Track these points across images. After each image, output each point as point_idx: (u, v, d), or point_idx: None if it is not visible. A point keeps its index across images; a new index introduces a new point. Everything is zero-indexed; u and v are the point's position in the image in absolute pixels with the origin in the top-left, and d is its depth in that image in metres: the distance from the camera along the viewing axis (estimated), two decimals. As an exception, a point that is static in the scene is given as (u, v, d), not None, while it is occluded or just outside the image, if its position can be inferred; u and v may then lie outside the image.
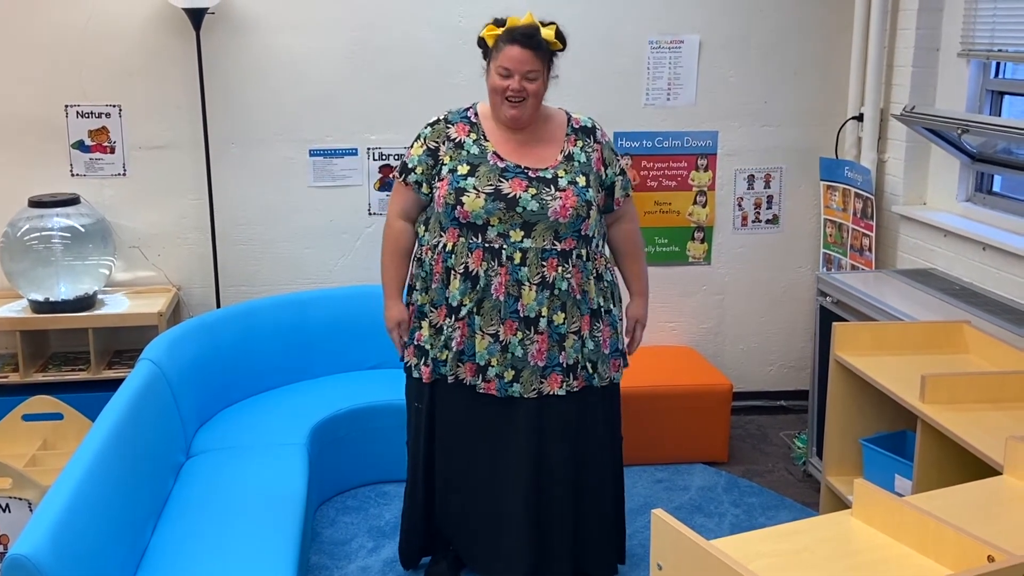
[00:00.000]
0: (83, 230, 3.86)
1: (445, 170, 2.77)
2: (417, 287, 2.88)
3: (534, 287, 2.73)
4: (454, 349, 2.79)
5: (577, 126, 2.87)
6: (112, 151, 4.04)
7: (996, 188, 3.77)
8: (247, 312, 3.77)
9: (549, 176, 2.75)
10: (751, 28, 4.26)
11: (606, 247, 2.94)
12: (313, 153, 4.16)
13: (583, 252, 2.79)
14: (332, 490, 3.69)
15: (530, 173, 2.75)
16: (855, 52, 4.20)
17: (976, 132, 3.31)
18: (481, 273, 2.74)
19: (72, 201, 3.87)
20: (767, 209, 4.47)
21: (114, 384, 3.12)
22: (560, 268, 2.74)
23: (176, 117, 4.04)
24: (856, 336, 2.94)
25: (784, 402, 4.64)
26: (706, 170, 4.38)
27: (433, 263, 2.81)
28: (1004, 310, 3.21)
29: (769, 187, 4.45)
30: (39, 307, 3.83)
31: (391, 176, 4.21)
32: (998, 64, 3.68)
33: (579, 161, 2.80)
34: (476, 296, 2.75)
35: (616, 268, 3.01)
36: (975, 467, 2.29)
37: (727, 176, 4.40)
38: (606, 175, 2.87)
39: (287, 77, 4.07)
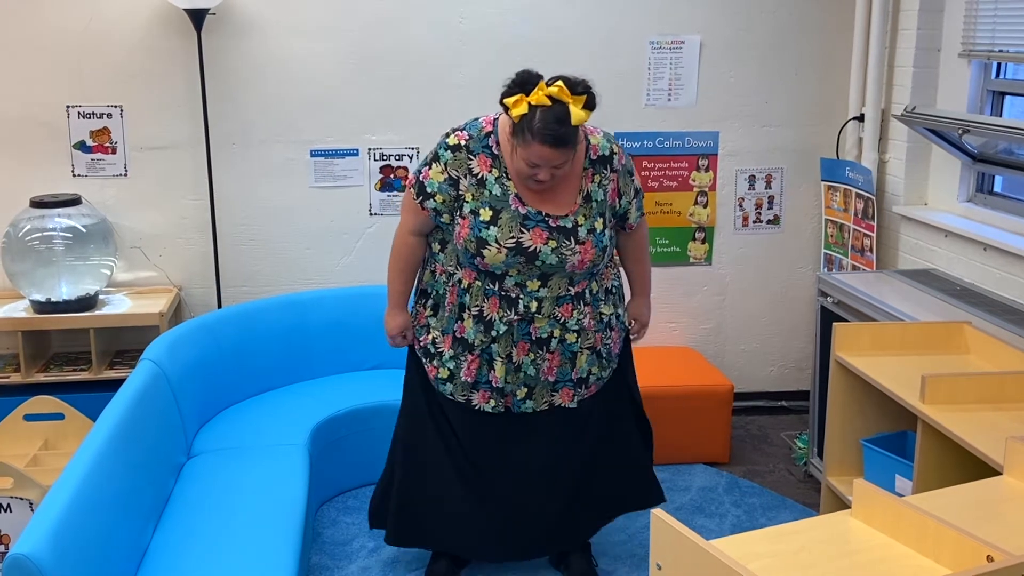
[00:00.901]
0: (84, 230, 3.87)
1: (467, 209, 2.70)
2: (430, 300, 2.85)
3: (545, 319, 2.75)
4: (462, 379, 2.81)
5: (595, 156, 2.78)
6: (113, 151, 4.05)
7: (997, 188, 3.77)
8: (248, 312, 3.77)
9: (569, 225, 2.71)
10: (752, 28, 4.26)
11: (613, 254, 2.94)
12: (314, 154, 4.16)
13: (593, 286, 2.81)
14: (333, 490, 3.69)
15: (551, 222, 2.70)
16: (856, 52, 4.19)
17: (977, 132, 3.31)
18: (496, 319, 2.74)
19: (73, 201, 3.88)
20: (768, 209, 4.47)
21: (115, 384, 3.13)
22: (575, 312, 2.77)
23: (177, 118, 4.04)
24: (857, 336, 2.94)
25: (785, 402, 4.64)
26: (707, 170, 4.38)
27: (447, 291, 2.80)
28: (1005, 310, 3.21)
29: (770, 187, 4.45)
30: (40, 307, 3.83)
31: (406, 184, 4.21)
32: (999, 64, 3.68)
33: (596, 200, 2.76)
34: (490, 338, 2.76)
35: (619, 269, 3.03)
36: (975, 467, 2.29)
37: (728, 176, 4.40)
38: (619, 205, 2.84)
39: (288, 78, 4.07)
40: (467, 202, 2.70)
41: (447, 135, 2.76)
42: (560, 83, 2.55)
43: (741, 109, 4.34)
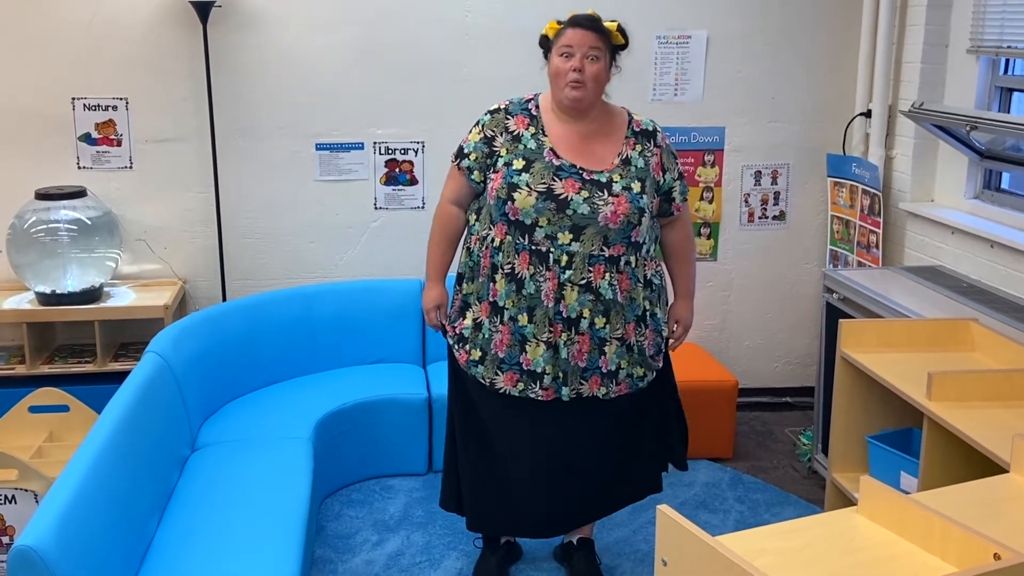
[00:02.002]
0: (90, 223, 3.87)
1: (500, 162, 2.72)
2: (466, 276, 2.84)
3: (576, 288, 2.69)
4: (493, 353, 2.77)
5: (638, 129, 2.79)
6: (119, 144, 4.05)
7: (1004, 185, 3.76)
8: (253, 305, 3.78)
9: (604, 180, 2.69)
10: (759, 24, 4.25)
11: (657, 250, 2.90)
12: (319, 147, 4.16)
13: (632, 259, 2.73)
14: (337, 484, 3.70)
15: (584, 175, 2.68)
16: (863, 48, 4.18)
17: (984, 129, 3.30)
18: (527, 278, 2.70)
19: (79, 194, 3.88)
20: (774, 205, 4.46)
21: (120, 376, 3.13)
22: (607, 275, 2.70)
23: (183, 110, 4.04)
24: (863, 333, 2.93)
25: (789, 399, 4.64)
26: (713, 166, 4.37)
27: (481, 256, 2.77)
28: (1011, 308, 3.20)
29: (776, 183, 4.44)
30: (46, 299, 3.84)
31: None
32: (1007, 60, 3.66)
33: (636, 166, 2.74)
34: (524, 304, 2.71)
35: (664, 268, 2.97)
36: (981, 465, 2.28)
37: (734, 172, 4.39)
38: (663, 180, 2.80)
39: (294, 71, 4.07)
40: (501, 156, 2.73)
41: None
42: (591, 9, 2.76)
43: (747, 105, 4.33)
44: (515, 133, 2.74)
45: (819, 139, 4.39)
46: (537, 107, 2.79)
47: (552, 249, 2.67)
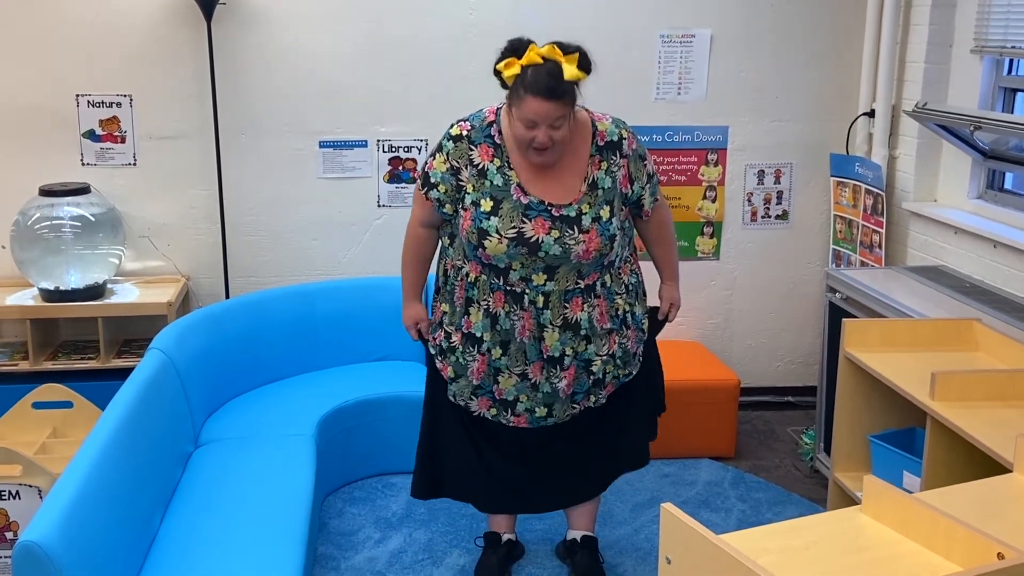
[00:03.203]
0: (93, 219, 3.87)
1: (468, 200, 2.66)
2: (443, 293, 2.83)
3: (556, 329, 2.69)
4: (471, 380, 2.79)
5: (603, 143, 2.71)
6: (123, 141, 4.05)
7: (1008, 185, 3.76)
8: (256, 303, 3.78)
9: (572, 214, 2.64)
10: (763, 23, 4.25)
11: (635, 242, 2.89)
12: (323, 144, 4.16)
13: (607, 278, 2.74)
14: (339, 481, 3.70)
15: (553, 211, 2.64)
16: (867, 47, 4.18)
17: (988, 129, 3.30)
18: (503, 315, 2.70)
19: (82, 190, 3.88)
20: (777, 205, 4.46)
21: (123, 373, 3.13)
22: (585, 305, 2.70)
23: (187, 107, 4.04)
24: (865, 332, 2.93)
25: (792, 398, 4.64)
26: (716, 165, 4.37)
27: (456, 284, 2.77)
28: (1014, 308, 3.20)
29: (779, 183, 4.44)
30: (49, 296, 3.84)
31: (413, 176, 4.21)
32: (1011, 61, 3.66)
33: (603, 188, 2.69)
34: (498, 338, 2.72)
35: (639, 265, 2.96)
36: (984, 465, 2.28)
37: (737, 171, 4.39)
38: (632, 191, 2.76)
39: (298, 68, 4.07)
40: (468, 193, 2.67)
41: (451, 126, 2.74)
42: (551, 44, 2.55)
43: (751, 104, 4.32)
44: (480, 167, 2.66)
45: (822, 138, 4.39)
46: (499, 132, 2.68)
47: (527, 291, 2.67)
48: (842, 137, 4.33)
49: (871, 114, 4.18)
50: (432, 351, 2.89)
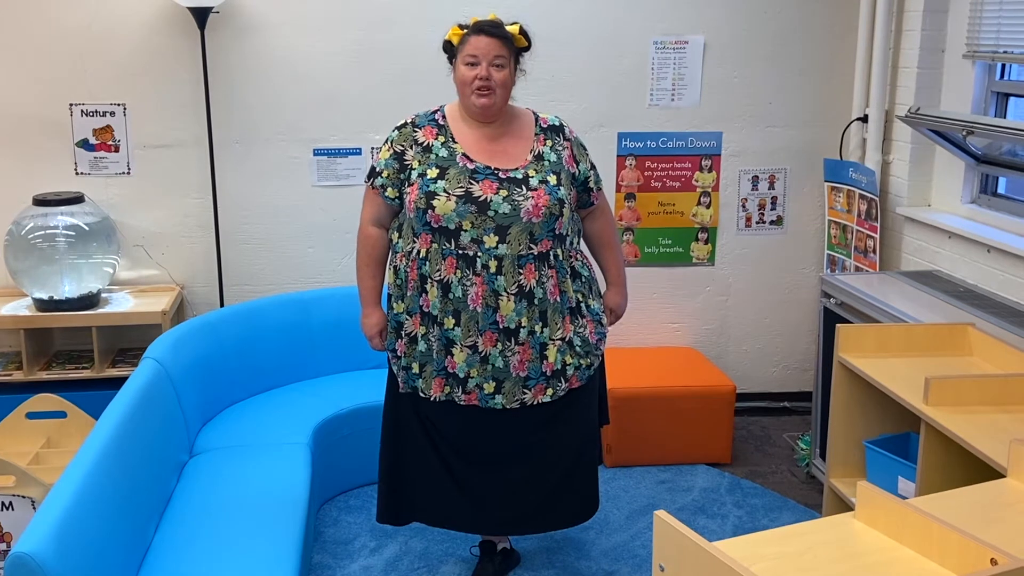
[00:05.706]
0: (87, 228, 3.87)
1: (414, 175, 2.73)
2: (394, 296, 2.84)
3: (512, 297, 2.70)
4: (434, 358, 2.78)
5: (545, 125, 2.85)
6: (116, 150, 4.05)
7: (1001, 190, 3.76)
8: (250, 311, 3.78)
9: (520, 176, 2.73)
10: (756, 29, 4.26)
11: (581, 243, 2.93)
12: (317, 152, 4.16)
13: (559, 251, 2.76)
14: (335, 489, 3.69)
15: (500, 174, 2.72)
16: (860, 53, 4.19)
17: (981, 134, 3.31)
18: (455, 282, 2.70)
19: (76, 199, 3.88)
20: (771, 210, 4.46)
21: (118, 382, 3.13)
22: (539, 273, 2.71)
23: (180, 116, 4.04)
24: (860, 338, 2.93)
25: (787, 403, 4.64)
26: (710, 171, 4.38)
27: (408, 270, 2.77)
28: (1009, 312, 3.20)
29: (773, 188, 4.44)
30: (43, 305, 3.83)
31: (365, 184, 4.20)
32: (1003, 66, 3.67)
33: (549, 160, 2.78)
34: (449, 307, 2.72)
35: (593, 261, 3.00)
36: (979, 470, 2.28)
37: (731, 177, 4.40)
38: (578, 171, 2.86)
39: (291, 76, 4.07)
40: (414, 169, 2.75)
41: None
42: (492, 13, 2.80)
43: (745, 110, 4.33)
44: (424, 144, 2.77)
45: (816, 144, 4.40)
46: (444, 116, 2.83)
47: (480, 254, 2.69)
48: (836, 142, 4.34)
49: (864, 119, 4.19)
50: (393, 368, 2.89)
